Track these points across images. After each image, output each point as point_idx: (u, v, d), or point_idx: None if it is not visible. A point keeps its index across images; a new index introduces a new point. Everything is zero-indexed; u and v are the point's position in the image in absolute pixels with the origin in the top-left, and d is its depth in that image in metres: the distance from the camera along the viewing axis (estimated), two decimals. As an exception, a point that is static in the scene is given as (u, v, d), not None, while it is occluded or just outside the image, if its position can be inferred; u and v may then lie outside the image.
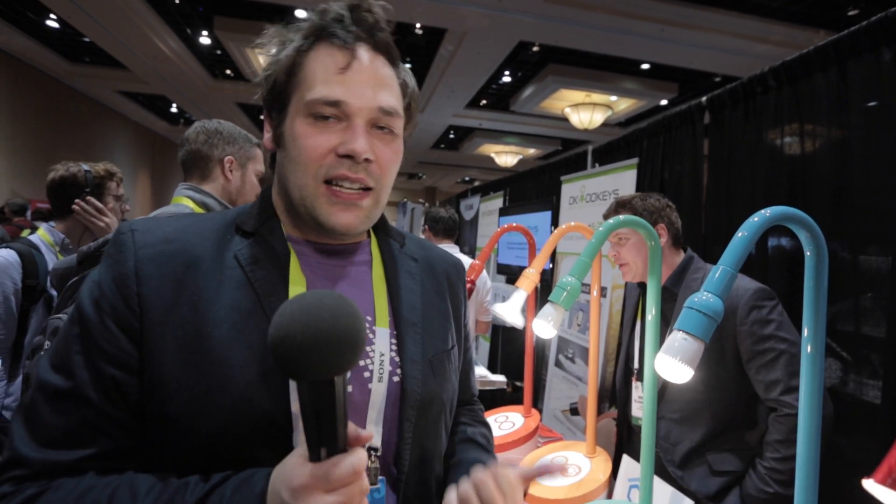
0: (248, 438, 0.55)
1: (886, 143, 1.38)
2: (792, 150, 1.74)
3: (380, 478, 0.61)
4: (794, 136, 1.72)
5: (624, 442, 1.69)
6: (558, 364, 3.02)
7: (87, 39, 6.90)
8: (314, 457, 0.46)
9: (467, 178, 17.34)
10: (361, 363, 0.62)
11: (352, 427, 0.48)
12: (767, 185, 1.80)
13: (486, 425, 0.86)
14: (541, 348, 3.21)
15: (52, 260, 1.87)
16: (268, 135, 0.67)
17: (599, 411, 2.30)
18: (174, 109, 10.48)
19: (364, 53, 0.62)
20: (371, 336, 0.65)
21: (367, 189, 0.63)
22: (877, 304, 1.42)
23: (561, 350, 3.01)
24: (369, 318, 0.66)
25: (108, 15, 6.02)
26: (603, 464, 1.43)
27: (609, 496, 1.37)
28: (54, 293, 1.77)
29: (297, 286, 0.62)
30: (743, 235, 0.69)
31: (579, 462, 1.45)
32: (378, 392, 0.62)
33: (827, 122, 1.59)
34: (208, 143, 1.45)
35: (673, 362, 0.67)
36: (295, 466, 0.47)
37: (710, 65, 6.69)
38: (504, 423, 1.77)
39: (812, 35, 5.76)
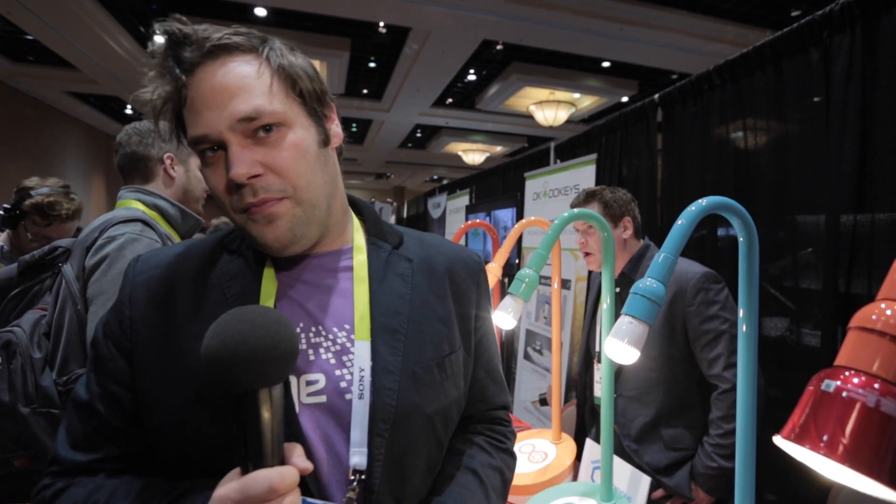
0: (225, 444, 0.54)
1: (817, 137, 1.48)
2: (737, 144, 1.84)
3: None
4: (739, 130, 1.83)
5: (587, 423, 1.75)
6: (527, 357, 3.09)
7: (30, 37, 6.54)
8: (243, 470, 0.47)
9: (435, 177, 17.35)
10: (339, 378, 0.60)
11: (293, 451, 0.49)
12: (716, 177, 1.90)
13: (509, 453, 0.77)
14: (509, 341, 3.27)
15: None
16: None
17: (566, 399, 2.37)
18: (129, 111, 10.06)
19: (206, 74, 0.57)
20: (350, 346, 0.61)
21: (279, 198, 0.58)
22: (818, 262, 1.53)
23: (529, 343, 3.08)
24: (347, 327, 0.62)
25: (52, 11, 5.70)
26: (568, 449, 1.48)
27: (574, 479, 1.42)
28: None
29: (267, 299, 0.62)
30: (682, 224, 0.73)
31: (546, 448, 1.50)
32: (360, 410, 0.58)
33: (766, 117, 1.69)
34: (143, 143, 1.37)
35: (621, 344, 0.71)
36: (227, 478, 0.48)
37: (668, 63, 6.92)
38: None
39: (761, 34, 6.05)
